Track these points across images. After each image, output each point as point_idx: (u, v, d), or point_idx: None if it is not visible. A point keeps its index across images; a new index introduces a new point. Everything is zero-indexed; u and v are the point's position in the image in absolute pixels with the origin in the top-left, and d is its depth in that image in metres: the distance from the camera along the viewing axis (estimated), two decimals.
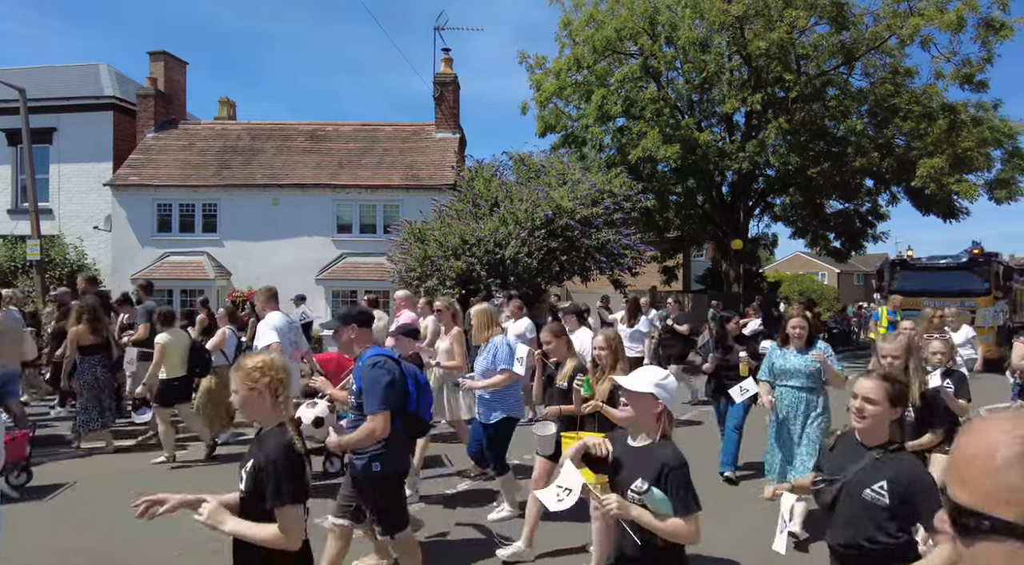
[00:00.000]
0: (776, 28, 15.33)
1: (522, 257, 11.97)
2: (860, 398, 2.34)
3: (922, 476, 2.26)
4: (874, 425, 2.33)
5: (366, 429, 3.25)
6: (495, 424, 4.86)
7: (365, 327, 3.56)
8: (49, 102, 16.63)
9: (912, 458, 2.41)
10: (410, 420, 3.51)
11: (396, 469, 3.51)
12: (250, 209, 15.82)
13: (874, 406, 2.32)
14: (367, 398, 3.29)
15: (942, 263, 15.62)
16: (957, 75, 15.92)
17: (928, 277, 15.41)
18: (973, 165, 16.26)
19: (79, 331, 6.76)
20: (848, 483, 2.34)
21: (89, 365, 6.81)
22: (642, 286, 20.47)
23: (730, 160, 16.79)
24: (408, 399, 3.48)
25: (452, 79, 17.48)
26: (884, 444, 2.36)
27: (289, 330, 6.12)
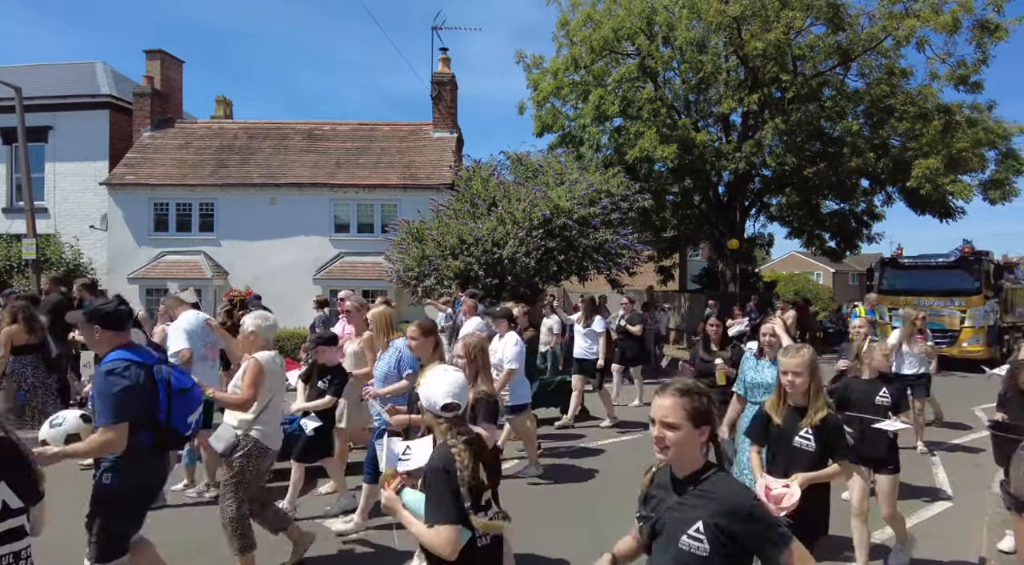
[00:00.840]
0: (773, 29, 15.40)
1: (520, 257, 12.00)
2: (657, 423, 1.90)
3: (747, 503, 1.85)
4: (679, 455, 1.89)
5: (97, 442, 2.91)
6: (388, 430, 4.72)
7: (111, 329, 3.15)
8: (45, 100, 16.56)
9: (729, 481, 1.95)
10: (160, 432, 3.13)
11: (132, 486, 3.12)
12: (247, 208, 15.80)
13: (675, 431, 1.87)
14: (98, 408, 2.98)
15: (932, 262, 15.39)
16: (952, 76, 16.02)
17: (918, 276, 15.22)
18: (968, 166, 16.37)
19: (12, 331, 6.64)
20: (661, 525, 1.92)
21: (21, 365, 6.67)
22: (639, 286, 20.54)
23: (727, 160, 16.85)
24: (158, 408, 3.11)
25: (450, 79, 17.49)
26: (697, 472, 1.91)
27: (203, 331, 5.71)
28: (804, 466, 3.09)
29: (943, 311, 14.51)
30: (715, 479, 1.89)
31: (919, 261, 15.66)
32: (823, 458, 3.11)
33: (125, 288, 13.82)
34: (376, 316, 5.01)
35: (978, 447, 7.27)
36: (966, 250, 14.90)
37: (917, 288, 14.92)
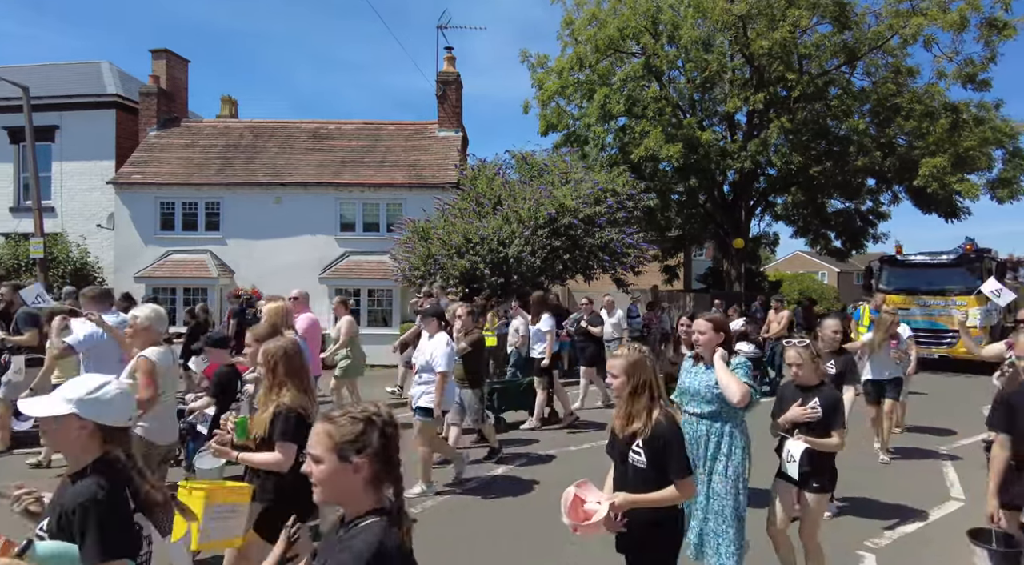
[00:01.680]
0: (779, 27, 15.37)
1: (525, 256, 12.00)
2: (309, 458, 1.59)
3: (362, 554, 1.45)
4: (326, 492, 1.57)
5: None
6: None
7: None
8: (52, 100, 16.62)
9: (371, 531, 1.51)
10: None
11: None
12: (253, 207, 15.83)
13: (319, 465, 1.55)
14: None
15: (932, 260, 14.95)
16: (959, 75, 15.97)
17: (918, 274, 14.80)
18: (975, 165, 16.32)
19: None
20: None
21: None
22: (644, 285, 20.52)
23: (732, 159, 16.82)
24: None
25: (455, 78, 17.49)
26: (357, 517, 1.56)
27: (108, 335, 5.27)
28: (633, 485, 2.65)
29: (944, 310, 14.17)
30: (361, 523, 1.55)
31: (919, 259, 15.24)
32: (658, 477, 2.60)
33: (132, 287, 13.85)
34: (269, 311, 4.69)
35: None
36: (967, 247, 14.52)
37: (917, 287, 14.57)
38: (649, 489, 2.59)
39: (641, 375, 2.69)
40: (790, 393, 3.76)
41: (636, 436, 2.64)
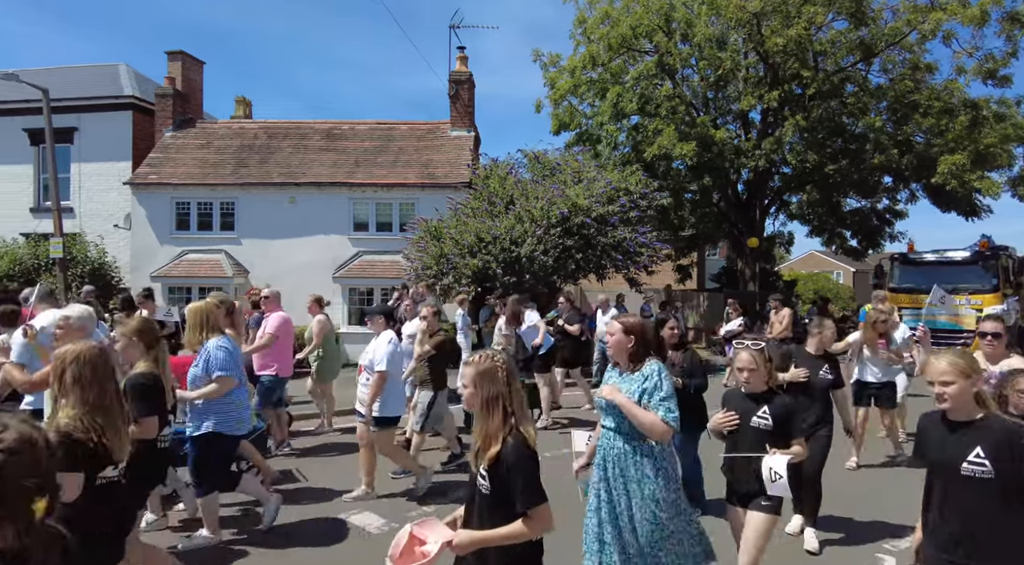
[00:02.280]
0: (794, 24, 15.20)
1: (538, 255, 11.98)
2: None
3: None
4: None
5: None
6: (201, 437, 4.41)
7: None
8: (70, 102, 16.87)
9: None
10: None
11: None
12: (267, 207, 15.95)
13: None
14: None
15: (945, 258, 14.41)
16: (980, 70, 15.70)
17: (931, 273, 14.14)
18: (995, 162, 16.04)
19: None
20: None
21: None
22: (657, 284, 20.41)
23: (746, 158, 16.67)
24: None
25: (467, 77, 17.50)
26: None
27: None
28: (479, 519, 2.29)
29: (958, 310, 13.45)
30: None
31: (932, 257, 14.71)
32: (507, 509, 2.20)
33: (149, 286, 14.01)
34: (191, 311, 4.58)
35: None
36: (982, 244, 14.01)
37: (930, 286, 14.37)
38: (496, 523, 2.21)
39: (491, 388, 2.28)
40: (737, 403, 3.28)
41: (483, 461, 2.25)
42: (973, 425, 2.49)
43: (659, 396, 3.04)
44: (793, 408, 3.21)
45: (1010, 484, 2.35)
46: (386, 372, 5.23)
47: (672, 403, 3.05)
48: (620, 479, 3.09)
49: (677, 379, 4.60)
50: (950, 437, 2.51)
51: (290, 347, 6.99)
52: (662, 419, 3.00)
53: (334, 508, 5.30)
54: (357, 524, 4.99)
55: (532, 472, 2.23)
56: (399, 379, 5.59)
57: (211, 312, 4.63)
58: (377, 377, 5.22)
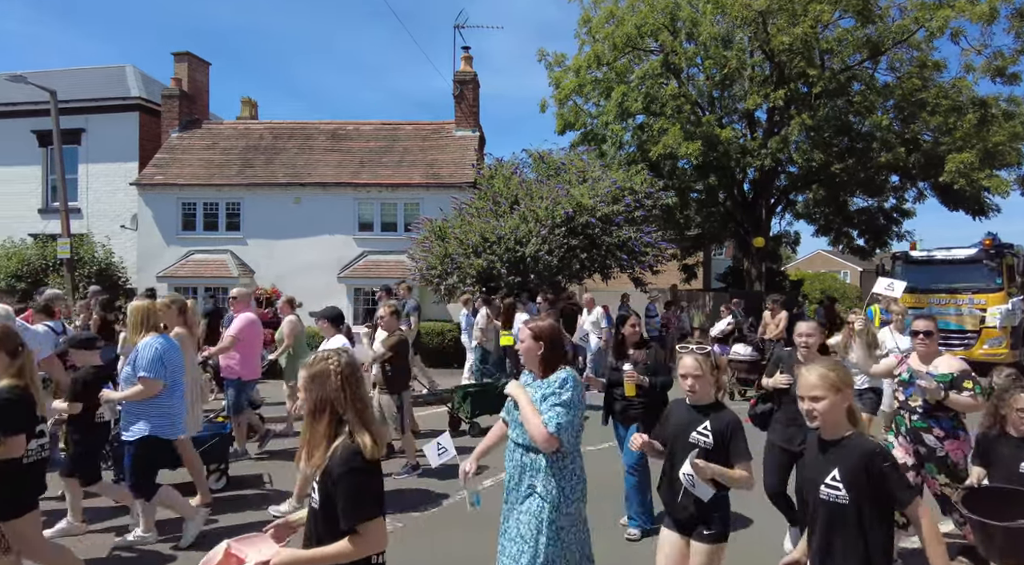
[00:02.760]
0: (800, 23, 15.11)
1: (542, 255, 11.96)
2: None
3: None
4: None
5: None
6: (134, 442, 4.30)
7: None
8: (77, 103, 16.98)
9: None
10: None
11: None
12: (273, 208, 16.01)
13: None
14: None
15: (948, 256, 14.04)
16: (988, 68, 15.57)
17: (933, 271, 13.87)
18: (1004, 160, 15.89)
19: None
20: None
21: None
22: (662, 284, 20.34)
23: (752, 157, 16.59)
24: None
25: (472, 77, 17.50)
26: None
27: None
28: (309, 534, 2.13)
29: (961, 310, 13.31)
30: None
31: (935, 255, 14.32)
32: (333, 525, 2.03)
33: (154, 287, 14.09)
34: (131, 310, 4.49)
35: None
36: (986, 242, 13.62)
37: (932, 285, 13.67)
38: (324, 540, 2.04)
39: (320, 391, 2.10)
40: (678, 415, 2.92)
41: (314, 470, 2.07)
42: (838, 444, 2.30)
43: (552, 401, 2.77)
44: (737, 426, 2.75)
45: (865, 510, 2.20)
46: None
47: (565, 413, 2.74)
48: (515, 494, 2.88)
49: (644, 377, 4.50)
50: (819, 456, 2.35)
51: (255, 349, 6.77)
52: (543, 424, 2.72)
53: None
54: None
55: (361, 485, 2.01)
56: None
57: (151, 311, 4.50)
58: None
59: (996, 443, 3.51)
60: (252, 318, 6.68)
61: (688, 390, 2.84)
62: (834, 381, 2.29)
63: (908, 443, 4.08)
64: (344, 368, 2.14)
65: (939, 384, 3.84)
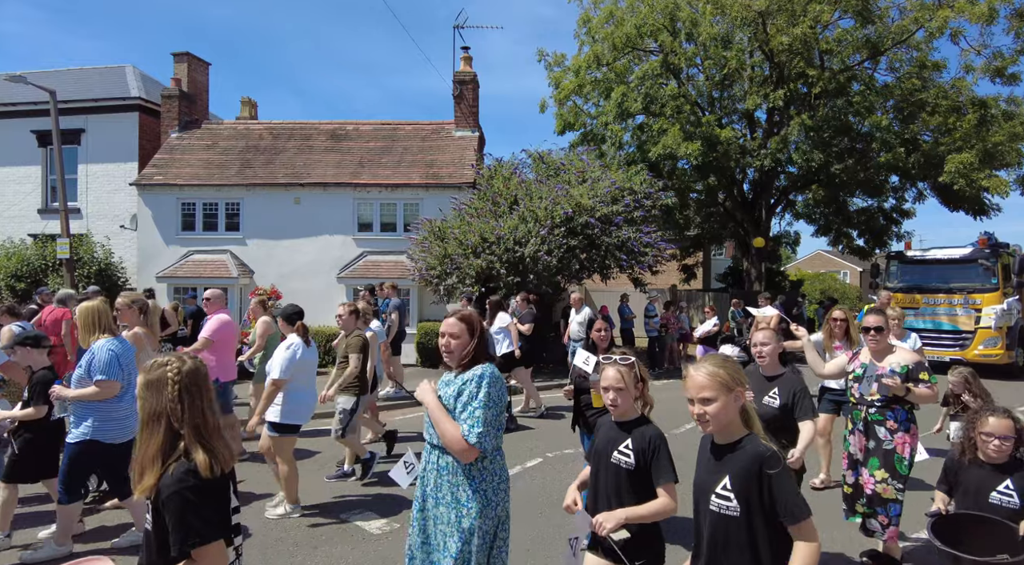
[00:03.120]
0: (799, 23, 15.13)
1: (542, 255, 11.96)
2: None
3: None
4: None
5: None
6: (74, 443, 4.19)
7: None
8: (77, 104, 17.00)
9: None
10: None
11: None
12: (272, 208, 16.01)
13: None
14: None
15: (943, 256, 13.92)
16: (988, 68, 15.58)
17: (928, 271, 13.82)
18: (1004, 160, 15.88)
19: None
20: None
21: None
22: (662, 284, 20.34)
23: (752, 157, 16.60)
24: None
25: (471, 77, 17.50)
26: None
27: None
28: (147, 559, 1.99)
29: (956, 310, 13.19)
30: None
31: (930, 255, 14.22)
32: (165, 554, 1.87)
33: (154, 286, 14.10)
34: (81, 311, 4.39)
35: None
36: (982, 241, 13.48)
37: (927, 285, 13.64)
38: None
39: (154, 402, 1.91)
40: (604, 434, 2.64)
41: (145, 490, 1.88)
42: (731, 448, 2.10)
43: (471, 405, 2.56)
44: (661, 442, 2.48)
45: (757, 524, 2.01)
46: (279, 379, 4.90)
47: (484, 418, 2.54)
48: (432, 501, 2.66)
49: None
50: (711, 463, 2.17)
51: (230, 351, 6.70)
52: (463, 434, 2.52)
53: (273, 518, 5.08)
54: (361, 526, 4.99)
55: (191, 507, 1.82)
56: (305, 386, 5.16)
57: (102, 312, 4.39)
58: (270, 384, 4.93)
59: (966, 469, 3.20)
60: (226, 319, 6.59)
61: (610, 404, 2.56)
62: (724, 379, 2.07)
63: (863, 437, 4.08)
64: (184, 376, 1.93)
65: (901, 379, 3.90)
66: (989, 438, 3.07)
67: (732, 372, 2.12)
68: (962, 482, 3.20)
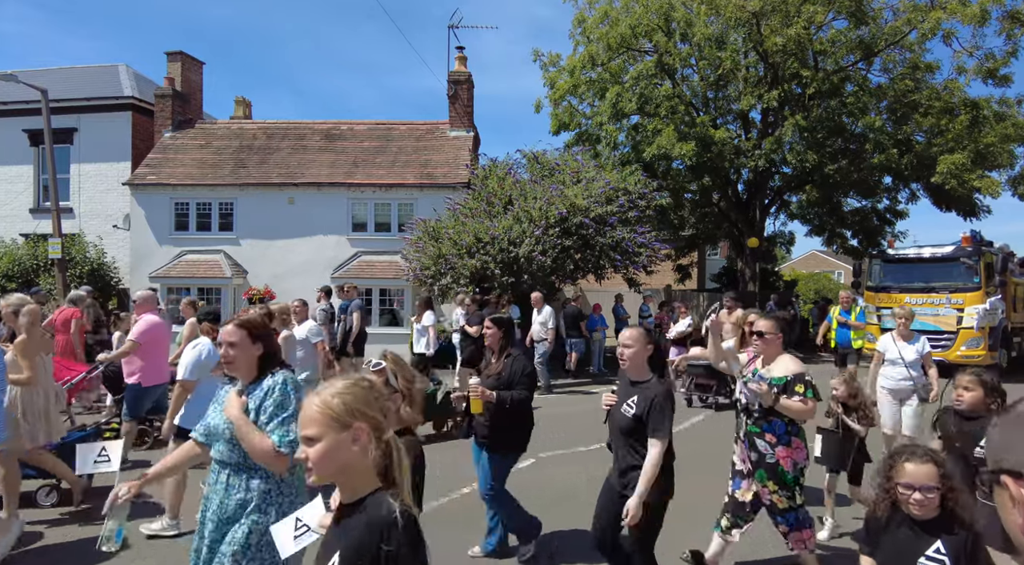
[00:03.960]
0: (793, 24, 15.17)
1: (536, 255, 11.96)
2: None
3: None
4: None
5: None
6: None
7: None
8: (69, 103, 16.90)
9: None
10: None
11: None
12: (266, 208, 15.96)
13: None
14: None
15: (925, 254, 13.58)
16: (980, 70, 15.66)
17: (910, 270, 13.48)
18: (996, 161, 15.98)
19: None
20: None
21: None
22: (656, 284, 20.36)
23: (746, 157, 16.64)
24: None
25: (466, 77, 17.49)
26: None
27: None
28: None
29: (939, 310, 12.80)
30: None
31: (912, 253, 13.93)
32: None
33: (147, 286, 14.03)
34: None
35: None
36: (965, 240, 13.15)
37: (909, 284, 13.31)
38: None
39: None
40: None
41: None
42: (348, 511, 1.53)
43: (280, 416, 2.43)
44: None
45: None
46: (185, 381, 4.69)
47: (292, 425, 2.40)
48: (215, 522, 2.45)
49: (491, 392, 3.94)
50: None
51: (161, 353, 6.48)
52: (275, 445, 2.37)
53: None
54: None
55: None
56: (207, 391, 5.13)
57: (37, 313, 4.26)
58: (178, 387, 4.75)
59: (888, 526, 2.44)
60: (155, 321, 6.38)
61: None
62: (337, 413, 1.52)
63: (745, 448, 3.80)
64: None
65: (772, 387, 3.61)
66: (908, 490, 2.32)
67: (354, 402, 1.54)
68: (882, 545, 2.44)
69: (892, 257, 14.16)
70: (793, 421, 3.68)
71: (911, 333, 5.92)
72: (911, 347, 5.80)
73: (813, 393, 3.61)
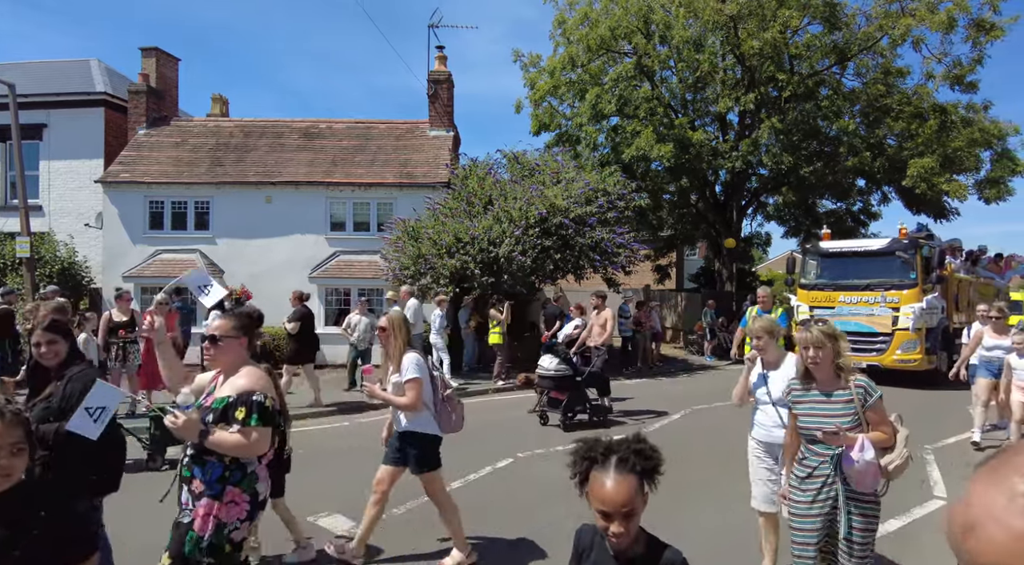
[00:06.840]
0: (769, 28, 15.43)
1: (516, 255, 12.00)
2: None
3: None
4: None
5: None
6: None
7: None
8: (39, 98, 16.48)
9: None
10: None
11: None
12: (243, 206, 15.75)
13: None
14: None
15: (859, 248, 12.58)
16: (948, 76, 16.09)
17: (844, 265, 12.32)
18: (963, 165, 16.44)
19: None
20: None
21: None
22: (635, 284, 20.54)
23: (723, 159, 16.87)
24: None
25: (446, 77, 17.46)
26: None
27: None
28: None
29: (873, 310, 11.69)
30: None
31: (845, 247, 12.80)
32: None
33: (121, 286, 13.76)
34: None
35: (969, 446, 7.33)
36: (902, 232, 12.24)
37: (843, 280, 12.18)
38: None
39: None
40: None
41: None
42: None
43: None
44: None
45: None
46: None
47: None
48: None
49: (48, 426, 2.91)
50: None
51: None
52: None
53: None
54: (325, 527, 4.94)
55: None
56: None
57: None
58: None
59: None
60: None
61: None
62: None
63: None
64: None
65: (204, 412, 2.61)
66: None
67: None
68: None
69: (824, 251, 12.91)
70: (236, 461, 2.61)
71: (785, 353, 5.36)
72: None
73: (257, 420, 2.57)
